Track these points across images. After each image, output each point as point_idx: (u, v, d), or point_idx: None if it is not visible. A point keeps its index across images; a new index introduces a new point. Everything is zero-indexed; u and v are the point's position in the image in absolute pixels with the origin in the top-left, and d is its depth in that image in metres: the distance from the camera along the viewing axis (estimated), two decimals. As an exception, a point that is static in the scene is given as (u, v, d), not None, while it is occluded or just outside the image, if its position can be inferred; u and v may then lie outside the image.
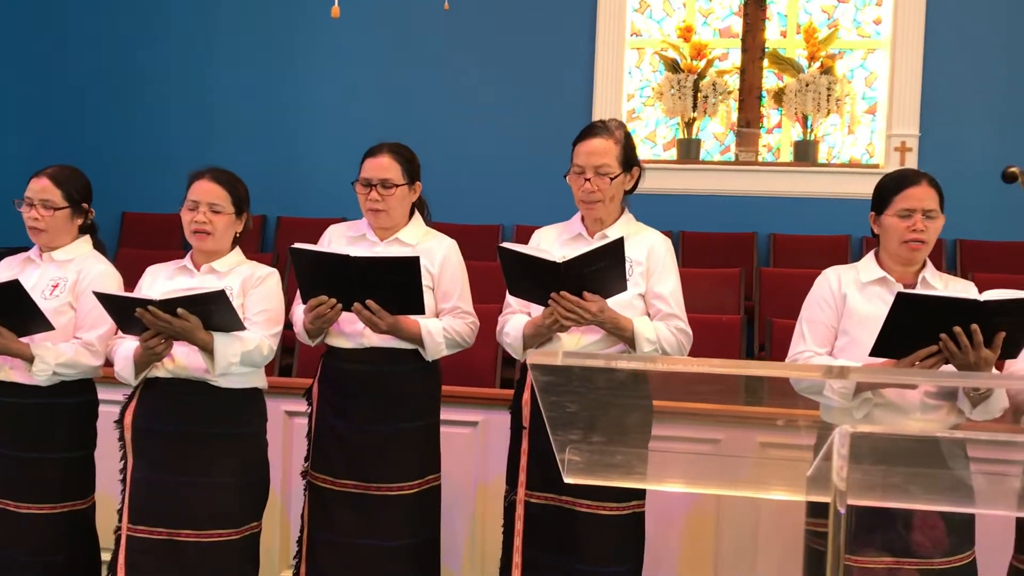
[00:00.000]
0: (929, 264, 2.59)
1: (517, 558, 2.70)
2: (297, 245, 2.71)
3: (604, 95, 6.67)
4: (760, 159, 6.73)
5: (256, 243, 6.60)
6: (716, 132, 6.99)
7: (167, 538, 2.71)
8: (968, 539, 2.44)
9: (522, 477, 2.72)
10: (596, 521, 2.61)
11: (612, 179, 2.68)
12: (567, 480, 1.39)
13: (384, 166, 2.86)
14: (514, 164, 6.58)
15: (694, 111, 6.55)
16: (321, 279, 2.72)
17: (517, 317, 2.79)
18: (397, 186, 2.86)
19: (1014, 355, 2.38)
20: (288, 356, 4.72)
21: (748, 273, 5.87)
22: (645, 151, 7.09)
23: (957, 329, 2.27)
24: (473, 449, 3.59)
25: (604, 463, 1.30)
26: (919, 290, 2.49)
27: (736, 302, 5.51)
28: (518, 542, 2.70)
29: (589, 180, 2.68)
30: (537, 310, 2.71)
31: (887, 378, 2.42)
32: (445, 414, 3.03)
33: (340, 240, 2.95)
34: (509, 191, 6.53)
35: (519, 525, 2.70)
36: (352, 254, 2.66)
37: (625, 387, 1.45)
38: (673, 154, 6.81)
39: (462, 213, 6.67)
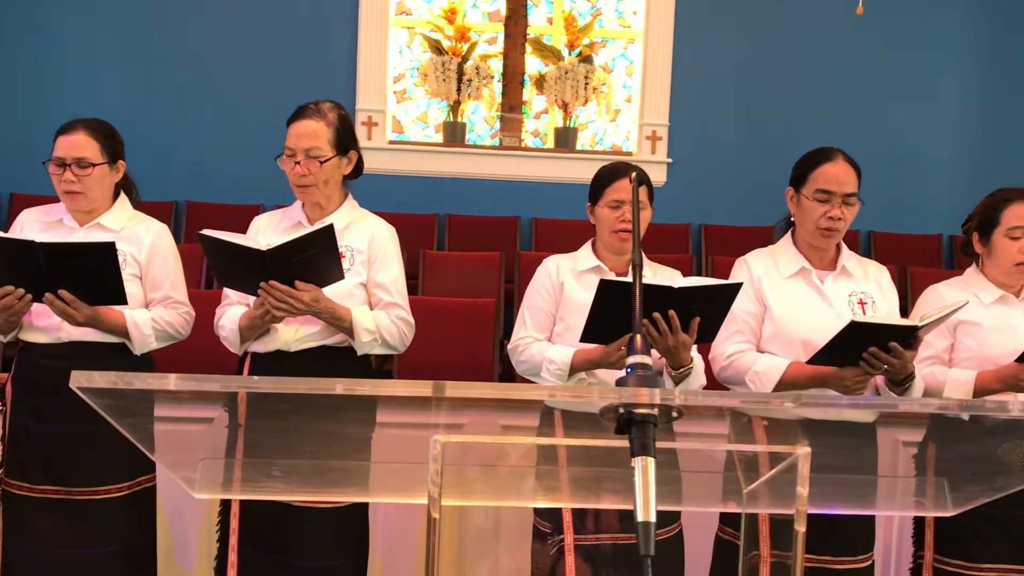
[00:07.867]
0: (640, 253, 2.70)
1: (233, 556, 2.59)
2: None
3: (367, 74, 6.56)
4: (526, 144, 6.84)
5: (-15, 223, 6.04)
6: (486, 116, 7.04)
7: None
8: (670, 513, 2.56)
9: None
10: (311, 516, 2.53)
11: (323, 162, 2.59)
12: (197, 496, 1.31)
13: (79, 144, 2.65)
14: (274, 143, 6.35)
15: (459, 94, 6.56)
16: (6, 268, 2.49)
17: (234, 309, 2.66)
18: (95, 165, 2.66)
19: (709, 339, 2.52)
20: (12, 348, 4.34)
21: (509, 256, 5.95)
22: (416, 132, 7.04)
23: (656, 315, 2.38)
24: (208, 445, 3.42)
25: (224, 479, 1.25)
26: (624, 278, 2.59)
27: (497, 285, 5.58)
28: (234, 540, 2.59)
29: (299, 163, 2.59)
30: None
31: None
32: (181, 410, 2.85)
33: (34, 226, 2.71)
34: (270, 170, 6.30)
35: (234, 523, 2.59)
36: (39, 240, 2.44)
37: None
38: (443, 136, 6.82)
39: (219, 193, 6.39)
